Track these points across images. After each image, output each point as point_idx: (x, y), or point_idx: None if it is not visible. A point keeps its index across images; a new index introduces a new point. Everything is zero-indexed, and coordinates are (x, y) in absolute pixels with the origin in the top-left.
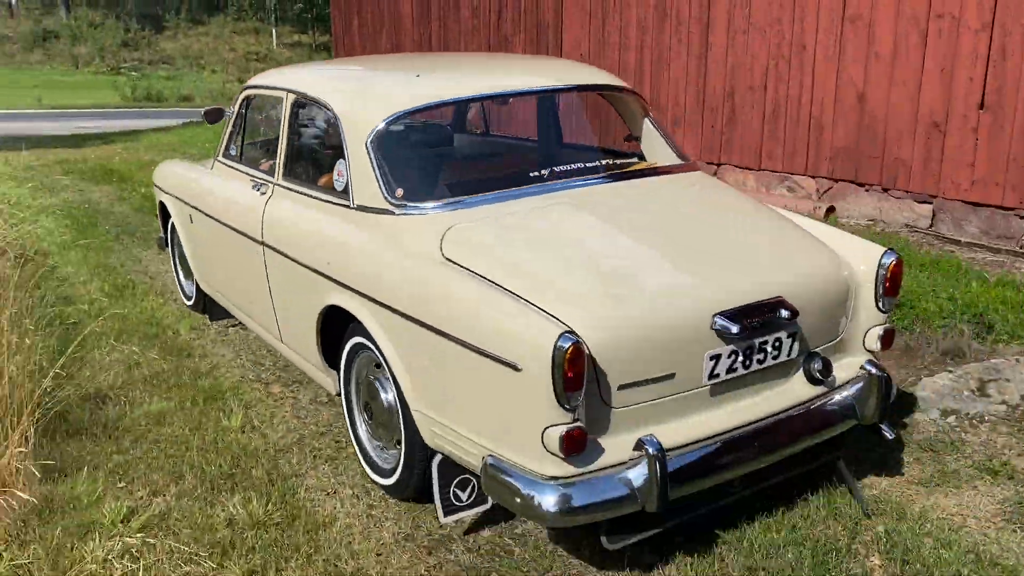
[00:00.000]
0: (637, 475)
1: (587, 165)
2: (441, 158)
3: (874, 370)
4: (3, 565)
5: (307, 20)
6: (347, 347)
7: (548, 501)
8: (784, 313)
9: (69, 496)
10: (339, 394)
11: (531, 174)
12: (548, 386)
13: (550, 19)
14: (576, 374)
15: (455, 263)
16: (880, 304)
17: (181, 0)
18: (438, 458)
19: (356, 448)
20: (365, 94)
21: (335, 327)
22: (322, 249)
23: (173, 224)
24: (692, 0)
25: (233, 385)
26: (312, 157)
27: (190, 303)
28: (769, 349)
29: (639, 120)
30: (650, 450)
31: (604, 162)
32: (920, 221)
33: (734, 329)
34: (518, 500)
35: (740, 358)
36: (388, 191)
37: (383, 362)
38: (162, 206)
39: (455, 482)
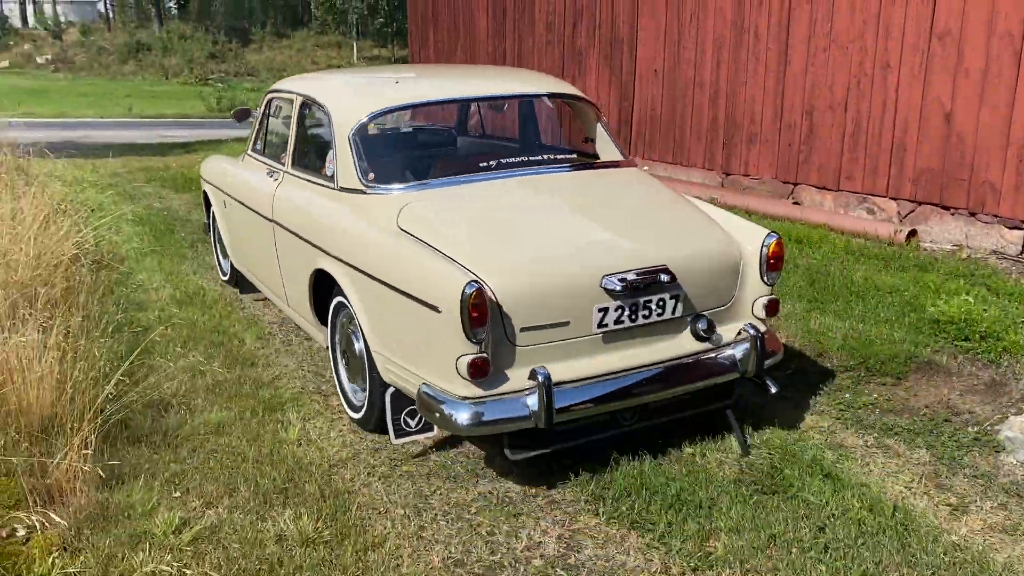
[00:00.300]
0: (534, 400)
1: (530, 158)
2: (409, 149)
3: (752, 331)
4: (54, 573)
5: (387, 34)
6: (332, 305)
7: (462, 416)
8: (664, 278)
9: (124, 504)
10: (328, 348)
11: (480, 164)
12: (458, 323)
13: (625, 34)
14: (480, 314)
15: (405, 231)
16: (764, 278)
17: (267, 14)
18: (391, 390)
19: (338, 389)
20: (352, 96)
21: (324, 290)
22: (313, 223)
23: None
24: (771, 16)
25: (293, 396)
26: (312, 148)
27: (225, 278)
28: (653, 307)
29: (593, 124)
30: (540, 378)
31: (546, 156)
32: (1009, 248)
33: (618, 288)
34: (438, 416)
35: (627, 312)
36: (363, 175)
37: (353, 314)
38: (205, 195)
39: (405, 411)
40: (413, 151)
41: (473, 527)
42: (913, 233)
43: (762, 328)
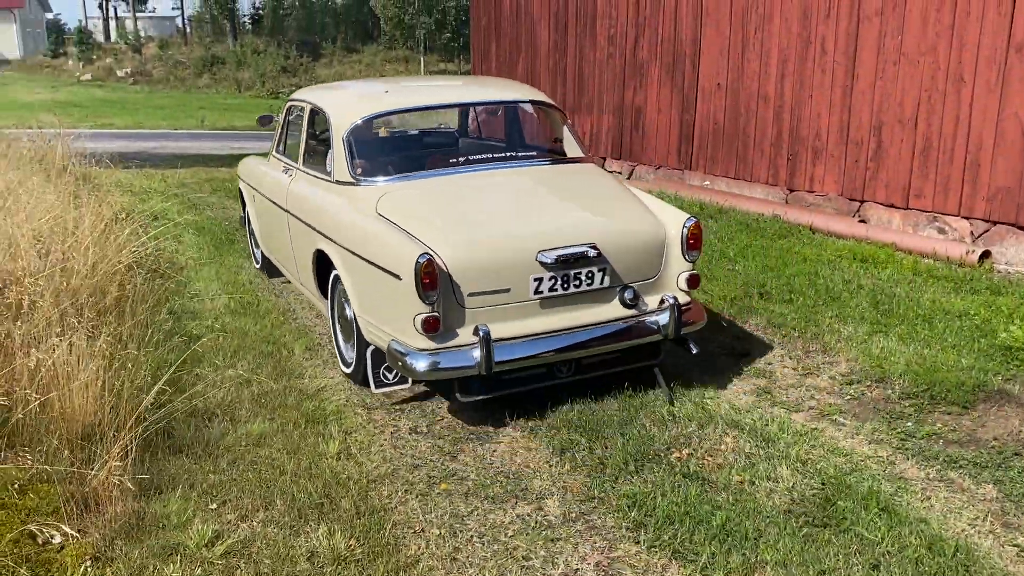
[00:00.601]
0: (478, 352)
1: (495, 155)
2: (394, 147)
3: (672, 300)
4: None
5: (454, 49)
6: (330, 280)
7: (421, 364)
8: (592, 253)
9: (161, 514)
10: (329, 316)
11: (451, 160)
12: (413, 287)
13: (687, 48)
14: (431, 280)
15: (382, 216)
16: (685, 256)
17: (338, 30)
18: (371, 348)
19: (336, 349)
20: (347, 104)
21: (324, 267)
22: (314, 211)
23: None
24: (838, 29)
25: (337, 409)
26: (318, 148)
27: (258, 266)
28: (583, 278)
29: (560, 127)
30: (480, 334)
31: (510, 153)
32: None
33: (549, 261)
34: (402, 364)
35: (559, 282)
36: (353, 169)
37: (343, 286)
38: (240, 191)
39: (383, 366)
40: (398, 149)
41: (509, 550)
42: (986, 254)
43: (684, 299)
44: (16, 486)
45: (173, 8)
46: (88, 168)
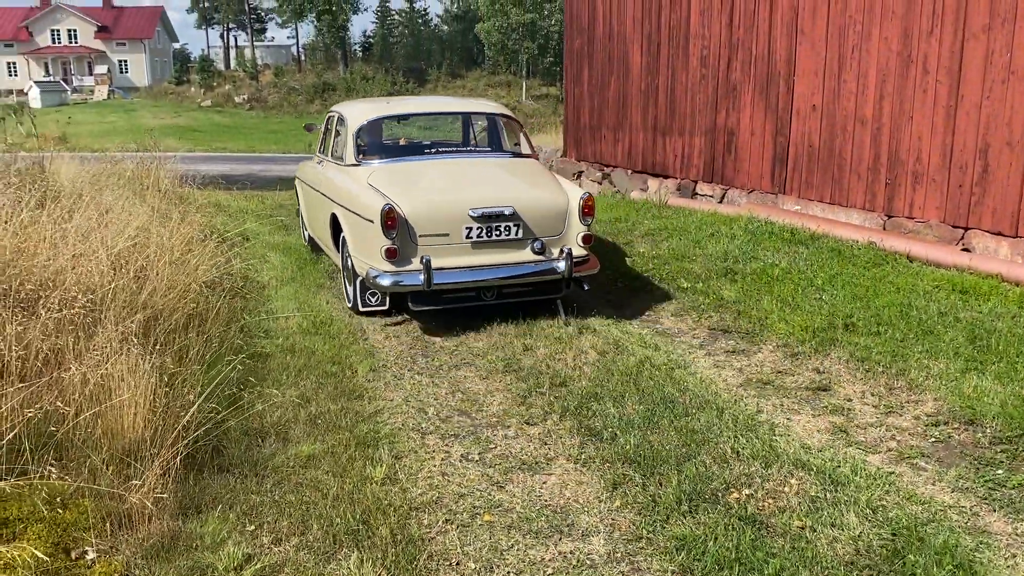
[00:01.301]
0: (424, 275)
1: (459, 149)
2: (387, 143)
3: (567, 250)
4: None
5: (556, 73)
6: (341, 239)
7: (386, 281)
8: (507, 212)
9: (196, 534)
10: (342, 267)
11: (426, 151)
12: (379, 227)
13: (781, 68)
14: (392, 223)
15: (370, 184)
16: (582, 221)
17: (443, 55)
18: (359, 279)
19: (343, 290)
20: (358, 111)
21: (337, 229)
22: (331, 186)
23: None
24: (942, 47)
25: (391, 432)
26: (339, 143)
27: (307, 243)
28: (502, 230)
29: (518, 133)
30: (424, 262)
31: (470, 148)
32: None
33: (476, 215)
34: (373, 282)
35: (484, 232)
36: (356, 156)
37: (345, 238)
38: (295, 186)
39: (368, 292)
40: (392, 144)
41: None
42: None
43: (579, 251)
44: (58, 500)
45: (289, 37)
46: (183, 189)
